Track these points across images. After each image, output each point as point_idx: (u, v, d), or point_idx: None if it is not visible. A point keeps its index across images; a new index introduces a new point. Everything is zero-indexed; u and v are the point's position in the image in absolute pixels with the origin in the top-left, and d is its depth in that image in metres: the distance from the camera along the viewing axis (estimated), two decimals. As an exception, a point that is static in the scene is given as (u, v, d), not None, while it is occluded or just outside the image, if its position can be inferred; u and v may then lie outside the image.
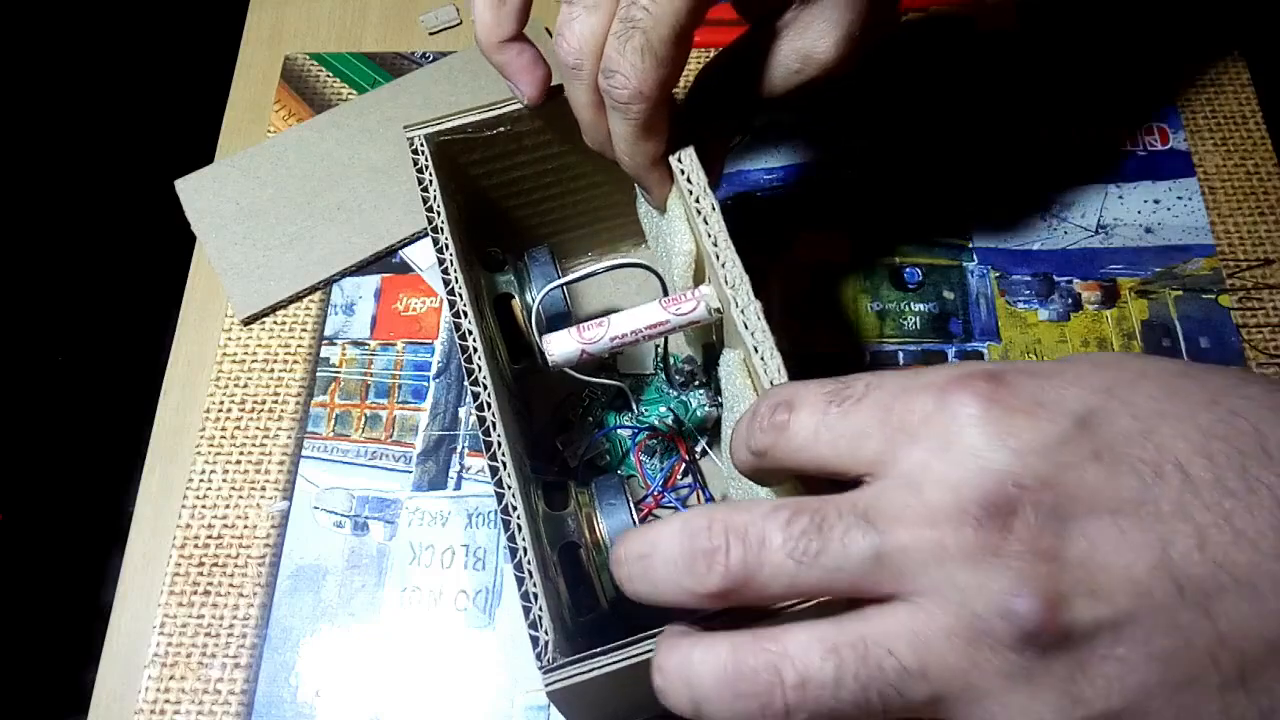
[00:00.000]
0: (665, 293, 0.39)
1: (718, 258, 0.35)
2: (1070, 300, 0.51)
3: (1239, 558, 0.21)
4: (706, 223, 0.36)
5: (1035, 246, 0.52)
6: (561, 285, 0.40)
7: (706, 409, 0.44)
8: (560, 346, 0.37)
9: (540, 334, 0.39)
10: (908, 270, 0.52)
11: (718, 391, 0.43)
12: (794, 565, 0.23)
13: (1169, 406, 0.23)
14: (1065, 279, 0.51)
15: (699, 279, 0.39)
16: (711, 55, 0.42)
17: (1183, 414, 0.22)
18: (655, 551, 0.25)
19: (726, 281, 0.34)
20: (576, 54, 0.34)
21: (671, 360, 0.43)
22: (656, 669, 0.25)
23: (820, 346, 0.50)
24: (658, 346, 0.44)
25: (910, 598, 0.22)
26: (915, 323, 0.50)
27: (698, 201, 0.36)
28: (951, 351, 0.50)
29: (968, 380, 0.23)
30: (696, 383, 0.43)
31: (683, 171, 0.37)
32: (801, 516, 0.23)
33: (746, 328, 0.34)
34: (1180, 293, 0.51)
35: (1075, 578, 0.21)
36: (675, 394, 0.45)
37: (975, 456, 0.22)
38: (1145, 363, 0.24)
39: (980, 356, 0.49)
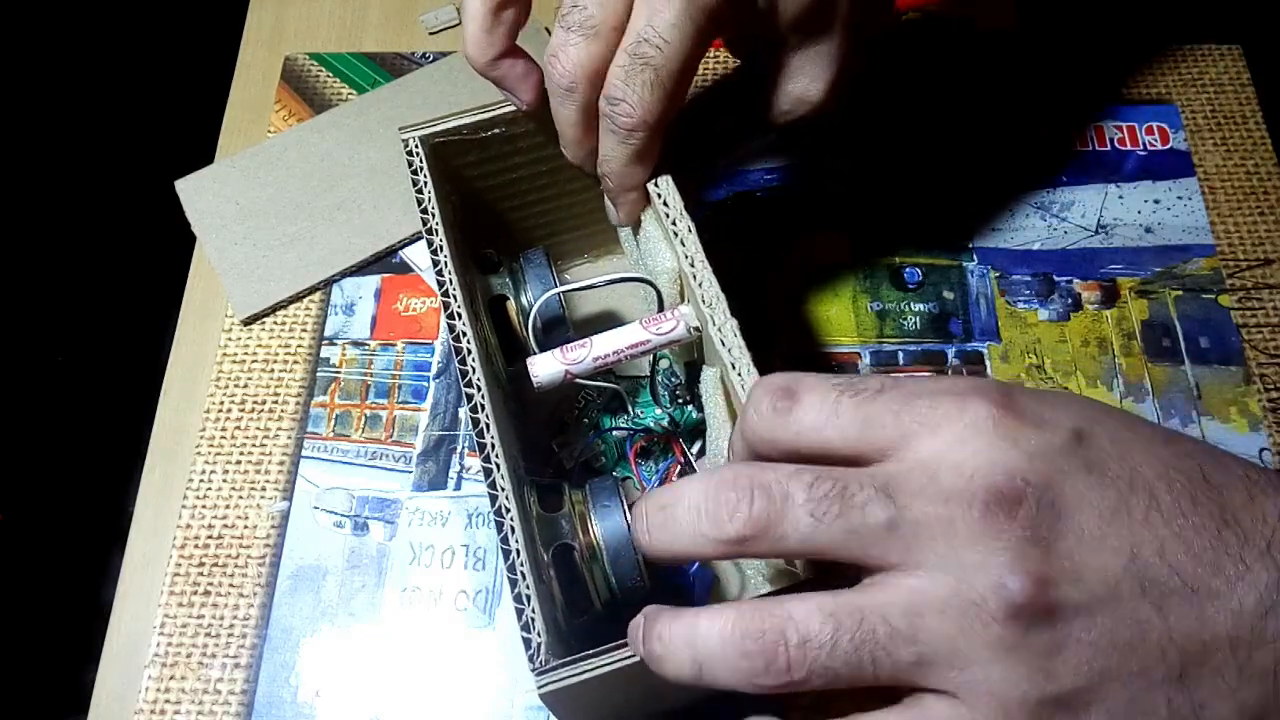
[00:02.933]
0: (661, 306, 0.39)
1: (695, 277, 0.36)
2: (1070, 300, 0.51)
3: (1188, 567, 0.24)
4: (684, 244, 0.37)
5: (1035, 246, 0.52)
6: (558, 294, 0.40)
7: (700, 413, 0.44)
8: (545, 368, 0.38)
9: (536, 338, 0.39)
10: (908, 270, 0.52)
11: (700, 408, 0.43)
12: (812, 523, 0.25)
13: (1135, 438, 0.26)
14: (1065, 279, 0.51)
15: (686, 294, 0.39)
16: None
17: (1146, 446, 0.26)
18: (679, 501, 0.27)
19: (704, 300, 0.35)
20: (571, 78, 0.35)
21: (658, 375, 0.43)
22: (655, 638, 0.27)
23: (819, 347, 0.50)
24: (655, 357, 0.44)
25: (912, 569, 0.25)
26: (915, 323, 0.50)
27: (674, 224, 0.37)
28: (951, 351, 0.50)
29: (986, 391, 0.26)
30: (681, 400, 0.44)
31: (660, 195, 0.38)
32: (825, 480, 0.25)
33: (723, 344, 0.35)
34: (1180, 293, 0.51)
35: (1062, 566, 0.24)
36: (663, 410, 0.45)
37: (990, 452, 0.25)
38: (1107, 406, 0.28)
39: (980, 356, 0.49)
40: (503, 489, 0.32)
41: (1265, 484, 0.26)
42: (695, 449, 0.45)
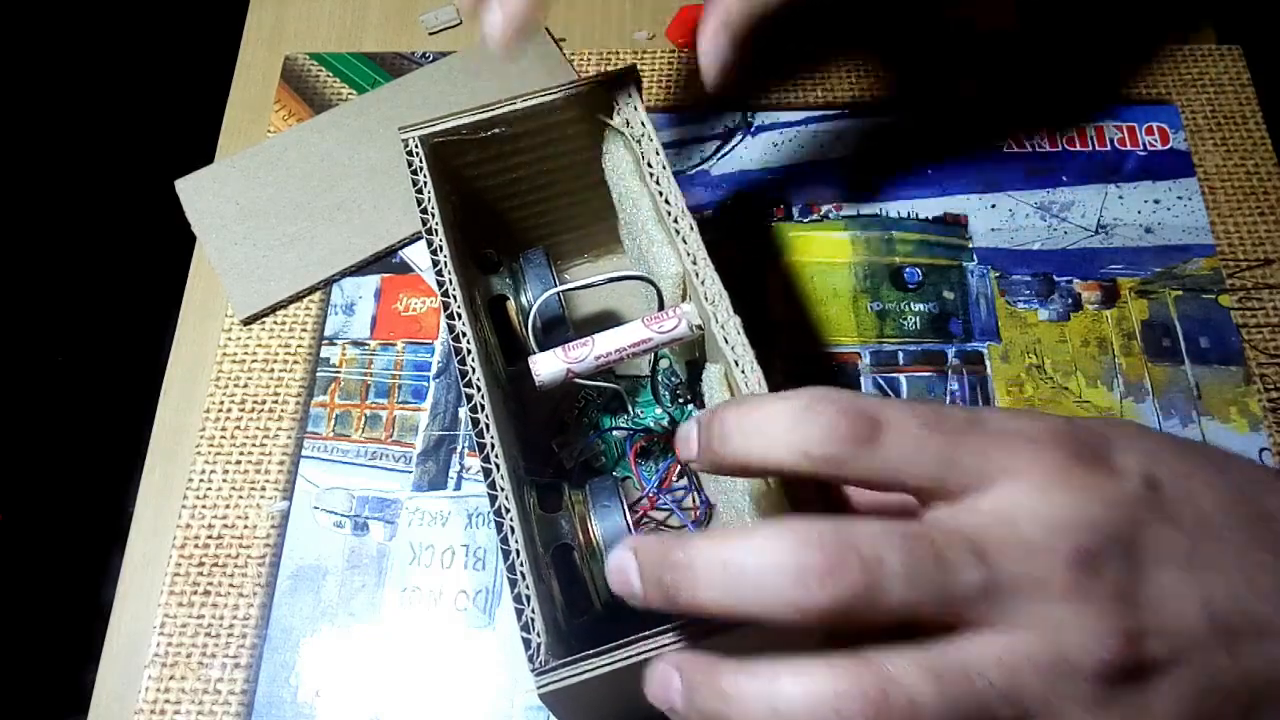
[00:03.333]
0: (661, 304, 0.39)
1: (697, 275, 0.36)
2: (1070, 300, 0.51)
3: (1257, 608, 0.25)
4: (685, 242, 0.37)
5: (1035, 246, 0.52)
6: (558, 293, 0.40)
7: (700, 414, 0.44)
8: (547, 367, 0.38)
9: (536, 338, 0.39)
10: (908, 270, 0.52)
11: (702, 406, 0.43)
12: (906, 590, 0.23)
13: (1194, 472, 0.26)
14: (1065, 279, 0.51)
15: (689, 294, 0.39)
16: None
17: (1205, 480, 0.26)
18: (750, 554, 0.24)
19: (706, 298, 0.36)
20: None
21: (659, 375, 0.43)
22: (722, 697, 0.24)
23: (819, 347, 0.50)
24: (656, 357, 0.44)
25: (1007, 628, 0.24)
26: (915, 323, 0.50)
27: (676, 222, 0.37)
28: (951, 351, 0.50)
29: (1060, 435, 0.26)
30: (682, 399, 0.44)
31: (660, 193, 0.38)
32: (920, 542, 0.24)
33: (727, 342, 0.35)
34: (1180, 292, 0.51)
35: (1147, 619, 0.24)
36: (664, 410, 0.45)
37: (1071, 505, 0.25)
38: (1162, 435, 0.28)
39: (980, 356, 0.49)
40: (503, 489, 0.32)
41: None
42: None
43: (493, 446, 0.33)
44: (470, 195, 0.43)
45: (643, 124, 0.40)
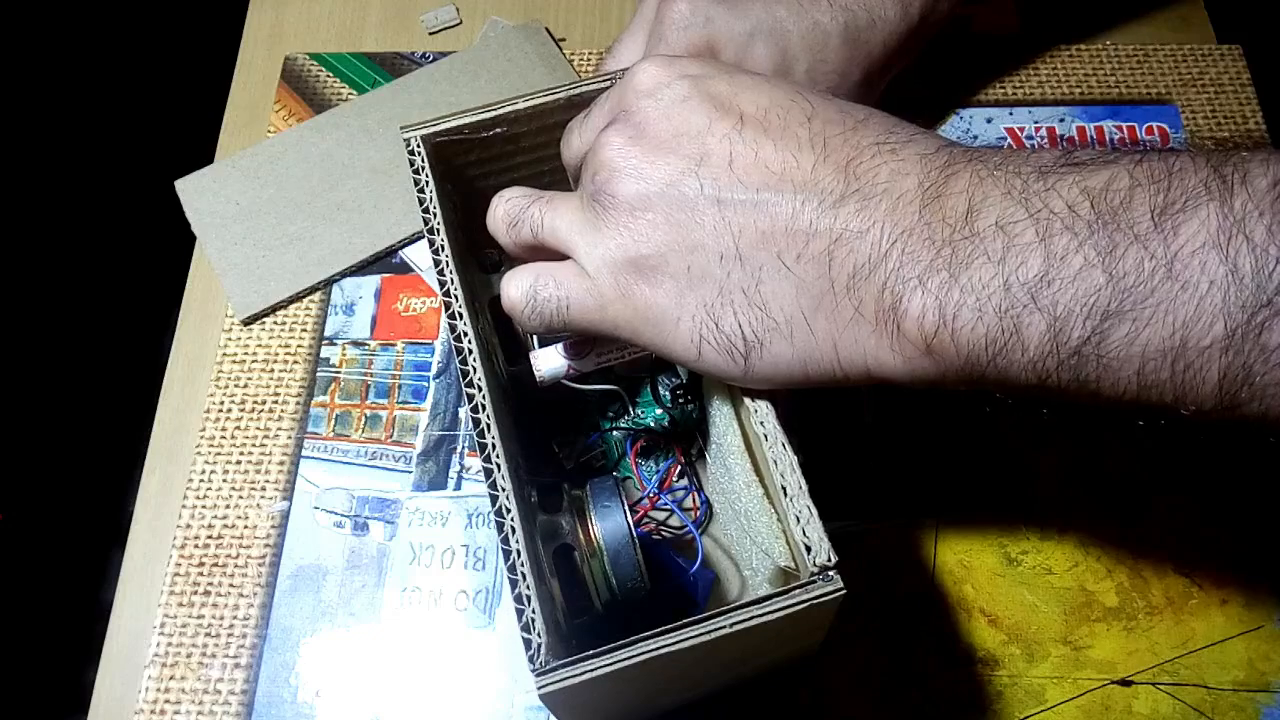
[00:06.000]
0: None
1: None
2: (1069, 300, 0.50)
3: (752, 175, 0.30)
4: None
5: (1034, 246, 0.52)
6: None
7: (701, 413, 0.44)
8: (548, 363, 0.38)
9: (536, 337, 0.39)
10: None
11: (702, 406, 0.43)
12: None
13: (759, 83, 0.33)
14: (1064, 279, 0.51)
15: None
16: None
17: (767, 88, 0.32)
18: (497, 213, 0.37)
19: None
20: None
21: (659, 376, 0.43)
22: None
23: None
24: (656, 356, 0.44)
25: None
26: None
27: None
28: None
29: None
30: (682, 399, 0.44)
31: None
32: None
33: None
34: (1180, 293, 0.50)
35: (630, 166, 0.32)
36: (664, 410, 0.45)
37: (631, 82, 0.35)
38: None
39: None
40: (503, 489, 0.32)
41: (884, 130, 0.31)
42: (696, 449, 0.45)
43: (493, 446, 0.33)
44: (472, 195, 0.43)
45: None
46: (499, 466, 0.32)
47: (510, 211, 0.36)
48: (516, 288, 0.34)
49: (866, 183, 0.29)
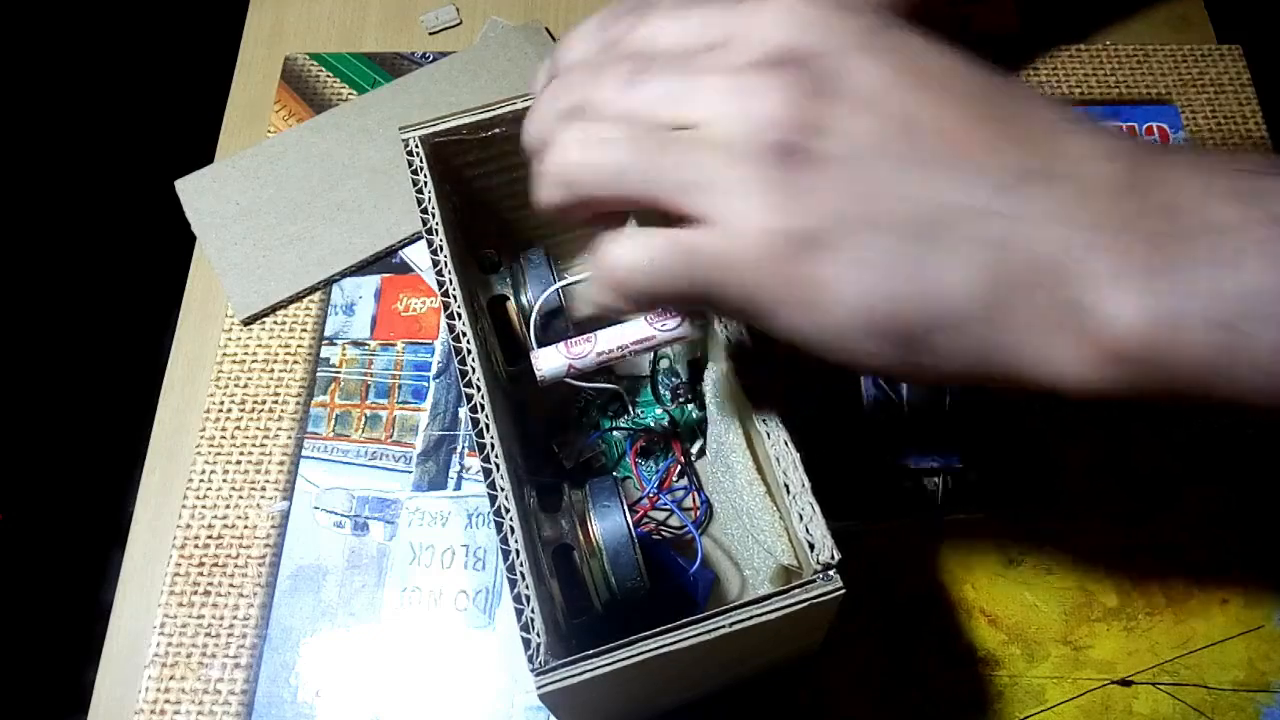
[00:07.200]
0: None
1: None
2: (1069, 300, 0.50)
3: (942, 146, 0.26)
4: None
5: (1034, 246, 0.52)
6: (557, 289, 0.40)
7: (701, 413, 0.44)
8: (549, 362, 0.37)
9: (536, 337, 0.39)
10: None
11: (702, 406, 0.43)
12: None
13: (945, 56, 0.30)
14: (1064, 279, 0.51)
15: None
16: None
17: (959, 63, 0.29)
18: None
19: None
20: None
21: (659, 375, 0.43)
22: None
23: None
24: (656, 356, 0.44)
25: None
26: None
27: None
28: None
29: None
30: (682, 399, 0.44)
31: None
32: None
33: (730, 340, 0.34)
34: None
35: (822, 120, 0.27)
36: (664, 409, 0.45)
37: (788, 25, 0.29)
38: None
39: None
40: (503, 489, 0.32)
41: (1059, 111, 0.27)
42: (695, 449, 0.45)
43: (493, 446, 0.33)
44: (470, 195, 0.43)
45: None
46: (498, 466, 0.32)
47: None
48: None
49: (1048, 163, 0.26)
